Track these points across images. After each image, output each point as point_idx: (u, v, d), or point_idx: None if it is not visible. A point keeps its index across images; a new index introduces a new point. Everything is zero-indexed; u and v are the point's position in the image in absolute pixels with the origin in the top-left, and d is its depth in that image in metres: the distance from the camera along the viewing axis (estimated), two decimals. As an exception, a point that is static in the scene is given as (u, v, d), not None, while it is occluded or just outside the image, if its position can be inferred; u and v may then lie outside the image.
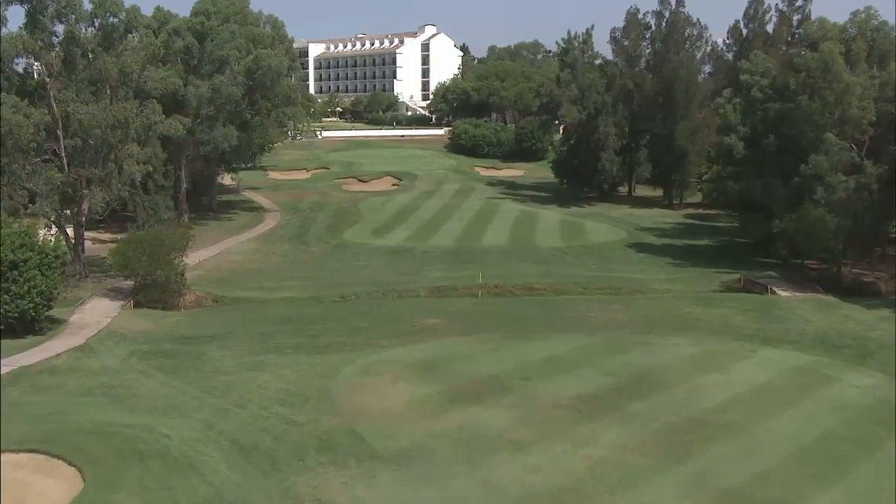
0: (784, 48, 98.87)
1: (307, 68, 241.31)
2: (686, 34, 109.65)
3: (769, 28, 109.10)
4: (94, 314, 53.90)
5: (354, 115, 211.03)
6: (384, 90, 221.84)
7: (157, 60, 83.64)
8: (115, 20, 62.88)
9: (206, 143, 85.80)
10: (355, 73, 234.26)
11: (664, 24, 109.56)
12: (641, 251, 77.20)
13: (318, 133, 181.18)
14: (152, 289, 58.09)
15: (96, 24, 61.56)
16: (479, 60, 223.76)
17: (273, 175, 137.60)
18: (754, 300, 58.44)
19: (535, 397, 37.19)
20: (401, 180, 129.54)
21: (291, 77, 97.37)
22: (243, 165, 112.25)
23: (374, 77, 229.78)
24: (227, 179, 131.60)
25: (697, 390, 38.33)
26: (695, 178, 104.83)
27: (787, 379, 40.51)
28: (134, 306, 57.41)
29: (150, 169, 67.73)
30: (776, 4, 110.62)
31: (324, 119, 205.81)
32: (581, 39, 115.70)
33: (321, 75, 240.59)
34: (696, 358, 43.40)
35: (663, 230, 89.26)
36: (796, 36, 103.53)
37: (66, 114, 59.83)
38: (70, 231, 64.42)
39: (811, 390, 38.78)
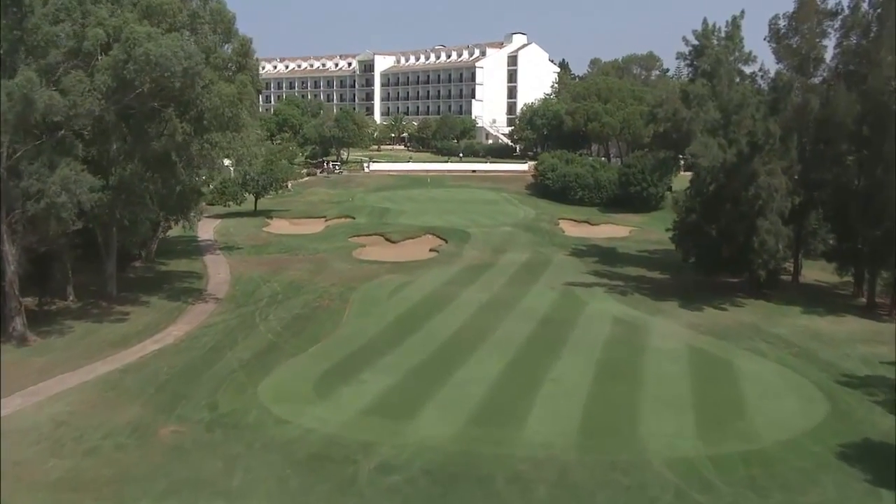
0: None
1: (373, 85, 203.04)
2: (905, 23, 65.59)
3: None
4: None
5: (420, 143, 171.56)
6: (461, 112, 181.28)
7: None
8: None
9: (35, 194, 47.20)
10: (427, 92, 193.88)
11: (866, 4, 66.14)
12: (877, 480, 33.34)
13: (364, 165, 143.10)
14: None
15: None
16: (581, 79, 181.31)
17: (275, 226, 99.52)
18: None
19: None
20: (446, 242, 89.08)
21: (234, 83, 57.39)
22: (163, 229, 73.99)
23: (448, 96, 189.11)
24: (205, 231, 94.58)
25: None
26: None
27: None
28: None
29: None
30: None
31: (382, 147, 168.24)
32: (723, 34, 72.79)
33: (388, 94, 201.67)
34: None
35: (898, 389, 44.90)
36: None
37: None
38: None
39: None
